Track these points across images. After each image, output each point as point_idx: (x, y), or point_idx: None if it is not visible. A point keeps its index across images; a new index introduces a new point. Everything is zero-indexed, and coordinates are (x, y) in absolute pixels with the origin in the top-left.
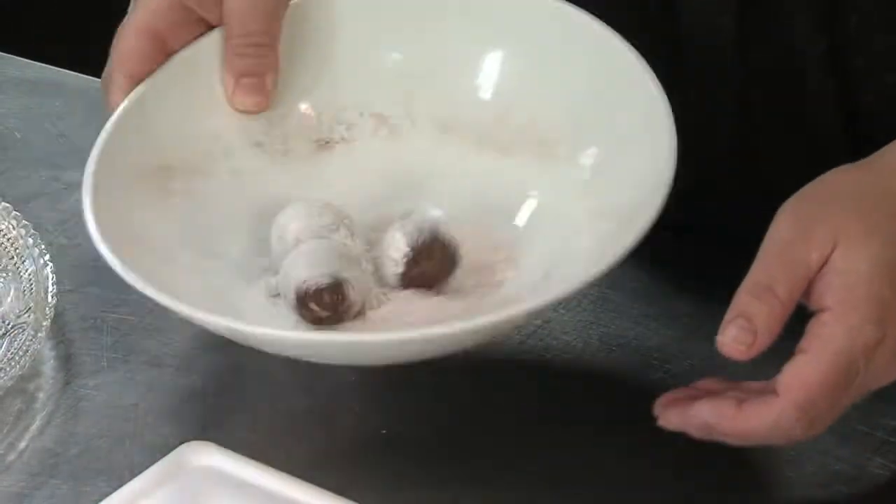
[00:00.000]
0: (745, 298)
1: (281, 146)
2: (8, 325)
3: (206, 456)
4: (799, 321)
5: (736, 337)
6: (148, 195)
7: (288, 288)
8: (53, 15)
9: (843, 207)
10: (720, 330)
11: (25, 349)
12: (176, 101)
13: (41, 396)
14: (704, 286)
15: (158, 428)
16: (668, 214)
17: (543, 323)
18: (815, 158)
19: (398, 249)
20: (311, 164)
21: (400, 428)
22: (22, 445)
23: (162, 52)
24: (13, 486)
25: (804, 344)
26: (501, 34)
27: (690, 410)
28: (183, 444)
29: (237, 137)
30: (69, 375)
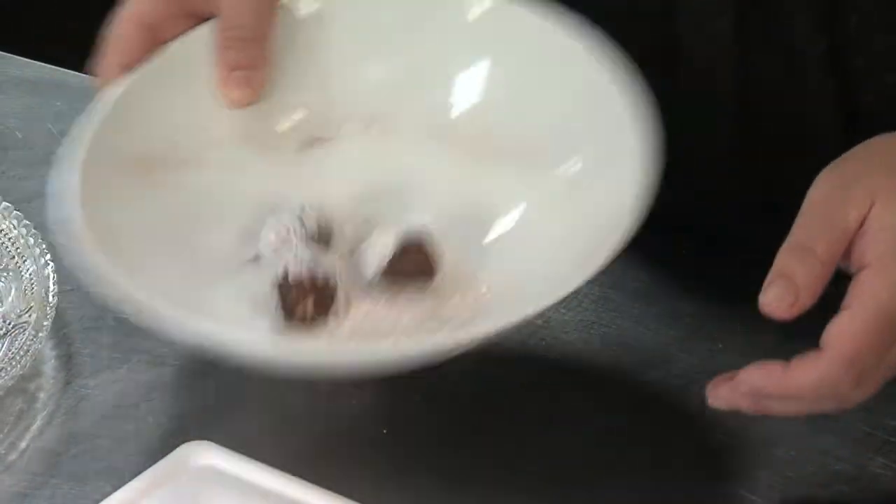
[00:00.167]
0: (785, 259)
1: (268, 141)
2: (9, 324)
3: (206, 456)
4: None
5: (778, 295)
6: (130, 185)
7: (274, 288)
8: (54, 14)
9: (880, 169)
10: (762, 291)
11: (26, 349)
12: (165, 91)
13: (42, 396)
14: (705, 286)
15: (159, 428)
16: (668, 215)
17: (544, 322)
18: (815, 159)
19: (385, 245)
20: (297, 161)
21: (400, 427)
22: (23, 445)
23: (153, 42)
24: (14, 485)
25: (847, 301)
26: (490, 47)
27: (739, 377)
28: (183, 443)
29: (225, 130)
30: (70, 375)
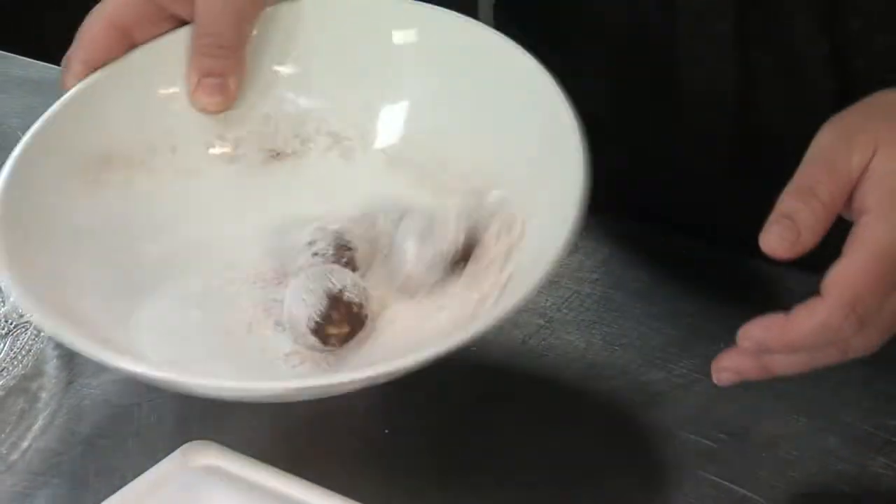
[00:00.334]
0: (787, 201)
1: (232, 151)
2: (11, 324)
3: (208, 455)
4: None
5: (780, 235)
6: (77, 183)
7: (300, 327)
8: (56, 15)
9: (884, 118)
10: (763, 231)
11: (28, 349)
12: (130, 92)
13: (44, 396)
14: (707, 286)
15: (160, 427)
16: (669, 215)
17: (546, 322)
18: None
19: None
20: (257, 173)
21: (402, 427)
22: (24, 445)
23: (125, 44)
24: (16, 485)
25: (847, 246)
26: (460, 79)
27: (740, 333)
28: (185, 443)
29: (189, 136)
30: (72, 375)
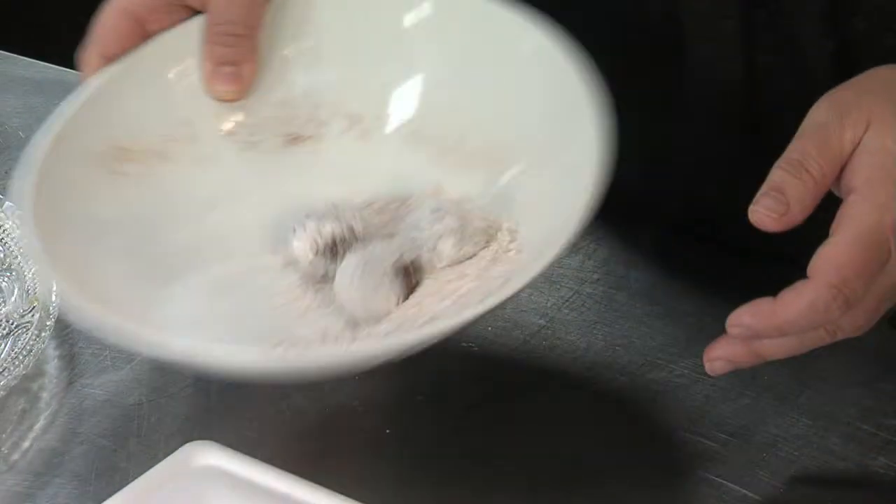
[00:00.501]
0: (778, 174)
1: (250, 137)
2: (12, 324)
3: (209, 455)
4: None
5: (769, 206)
6: (99, 176)
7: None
8: (57, 14)
9: (878, 95)
10: (753, 203)
11: (29, 349)
12: (147, 83)
13: (45, 396)
14: (708, 286)
15: (161, 427)
16: (670, 215)
17: (547, 322)
18: None
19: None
20: (276, 158)
21: (402, 427)
22: (25, 445)
23: (140, 34)
24: (17, 485)
25: (834, 227)
26: (476, 54)
27: (729, 320)
28: (186, 443)
29: (207, 125)
30: (73, 375)
